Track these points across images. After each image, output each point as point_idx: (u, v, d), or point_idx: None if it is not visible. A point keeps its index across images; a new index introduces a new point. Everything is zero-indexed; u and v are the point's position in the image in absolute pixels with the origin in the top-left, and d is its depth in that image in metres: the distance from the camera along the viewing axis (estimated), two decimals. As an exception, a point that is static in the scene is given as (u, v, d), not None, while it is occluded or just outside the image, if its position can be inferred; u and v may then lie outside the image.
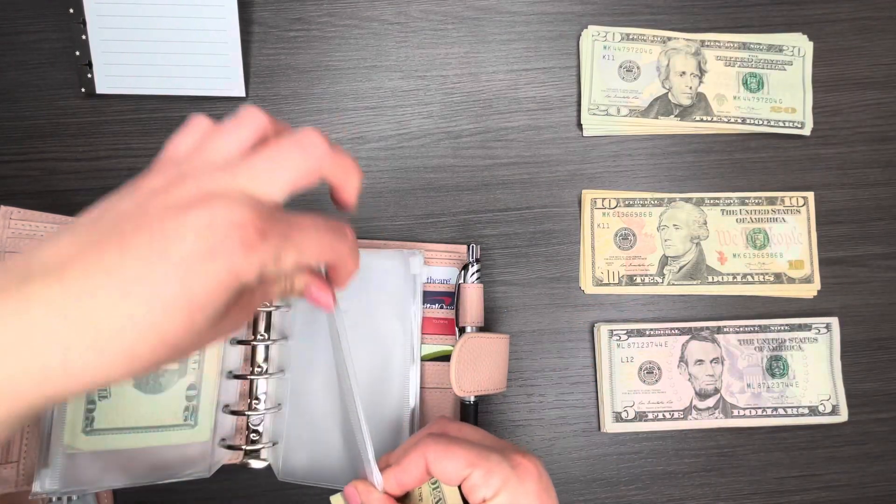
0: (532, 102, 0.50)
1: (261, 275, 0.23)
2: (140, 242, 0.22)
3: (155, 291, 0.21)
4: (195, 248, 0.22)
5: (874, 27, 0.52)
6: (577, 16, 0.51)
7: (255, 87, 0.49)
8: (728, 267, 0.48)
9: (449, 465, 0.30)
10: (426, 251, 0.45)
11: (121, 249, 0.21)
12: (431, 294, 0.45)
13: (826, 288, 0.49)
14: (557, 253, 0.49)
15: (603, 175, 0.49)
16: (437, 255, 0.46)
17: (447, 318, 0.45)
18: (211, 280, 0.22)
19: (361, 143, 0.49)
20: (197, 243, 0.22)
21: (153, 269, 0.21)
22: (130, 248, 0.21)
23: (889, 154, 0.51)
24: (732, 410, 0.47)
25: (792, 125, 0.50)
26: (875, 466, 0.48)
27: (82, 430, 0.37)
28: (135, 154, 0.48)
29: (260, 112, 0.27)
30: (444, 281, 0.46)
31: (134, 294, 0.21)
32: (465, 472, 0.30)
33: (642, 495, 0.47)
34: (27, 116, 0.48)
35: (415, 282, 0.44)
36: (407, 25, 0.50)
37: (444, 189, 0.49)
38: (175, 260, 0.21)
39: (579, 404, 0.47)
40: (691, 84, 0.50)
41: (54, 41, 0.48)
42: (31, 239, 0.39)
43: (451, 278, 0.46)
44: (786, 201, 0.49)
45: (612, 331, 0.47)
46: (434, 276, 0.45)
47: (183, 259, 0.22)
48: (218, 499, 0.45)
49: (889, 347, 0.49)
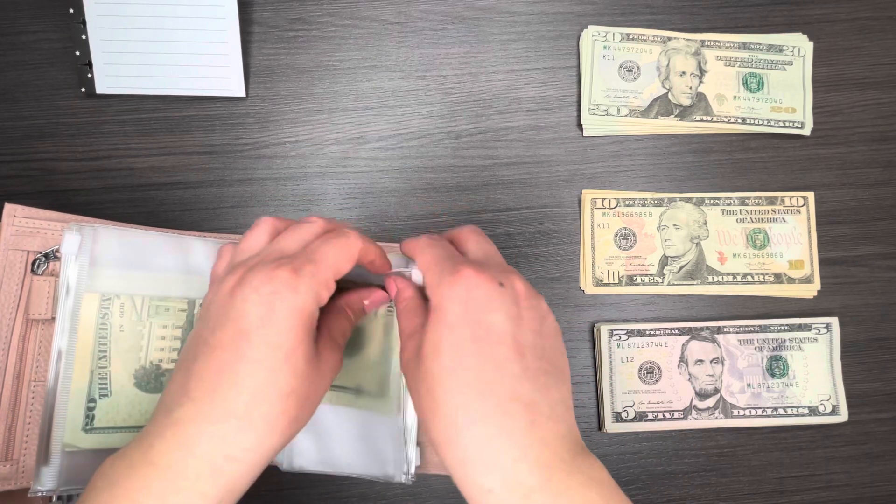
0: (532, 102, 0.50)
1: (316, 299, 0.29)
2: (215, 366, 0.28)
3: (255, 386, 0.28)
4: (261, 314, 0.28)
5: (874, 27, 0.52)
6: (577, 16, 0.51)
7: (255, 87, 0.49)
8: (728, 267, 0.48)
9: (418, 261, 0.33)
10: None
11: (210, 389, 0.28)
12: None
13: (826, 288, 0.49)
14: (557, 253, 0.49)
15: (603, 175, 0.49)
16: None
17: None
18: (284, 325, 0.28)
19: (361, 143, 0.49)
20: (258, 308, 0.28)
21: (245, 384, 0.28)
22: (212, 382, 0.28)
23: (889, 154, 0.51)
24: (732, 410, 0.47)
25: (792, 125, 0.50)
26: (875, 466, 0.48)
27: (82, 428, 0.37)
28: (135, 154, 0.48)
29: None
30: None
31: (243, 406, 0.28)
32: (424, 272, 0.32)
33: (642, 495, 0.47)
34: (27, 116, 0.48)
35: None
36: (407, 25, 0.50)
37: (444, 189, 0.49)
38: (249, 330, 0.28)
39: (579, 404, 0.47)
40: (691, 84, 0.50)
41: (54, 41, 0.48)
42: (34, 236, 0.39)
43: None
44: (786, 201, 0.49)
45: (612, 331, 0.47)
46: None
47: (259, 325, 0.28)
48: (218, 498, 0.45)
49: (889, 347, 0.49)
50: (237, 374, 0.27)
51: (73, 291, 0.37)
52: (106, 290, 0.38)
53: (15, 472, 0.37)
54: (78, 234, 0.38)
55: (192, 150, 0.48)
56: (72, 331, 0.37)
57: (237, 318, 0.28)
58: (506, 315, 0.29)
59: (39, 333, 0.39)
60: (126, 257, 0.39)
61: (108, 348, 0.38)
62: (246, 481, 0.28)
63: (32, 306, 0.39)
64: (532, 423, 0.27)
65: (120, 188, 0.47)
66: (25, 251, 0.39)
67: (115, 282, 0.38)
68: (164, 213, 0.47)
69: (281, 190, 0.48)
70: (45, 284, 0.39)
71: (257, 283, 0.28)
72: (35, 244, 0.39)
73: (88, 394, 0.37)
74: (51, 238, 0.40)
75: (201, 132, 0.48)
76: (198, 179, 0.48)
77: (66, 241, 0.37)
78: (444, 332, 0.28)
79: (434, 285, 0.30)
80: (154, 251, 0.40)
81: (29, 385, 0.38)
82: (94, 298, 0.38)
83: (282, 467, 0.42)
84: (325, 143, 0.49)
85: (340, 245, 0.31)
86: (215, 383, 0.27)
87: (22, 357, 0.38)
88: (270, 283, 0.28)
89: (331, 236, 0.31)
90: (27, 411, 0.38)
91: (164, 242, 0.40)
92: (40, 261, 0.39)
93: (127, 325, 0.38)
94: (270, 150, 0.48)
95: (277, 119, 0.49)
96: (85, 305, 0.37)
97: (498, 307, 0.29)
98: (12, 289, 0.38)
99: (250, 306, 0.28)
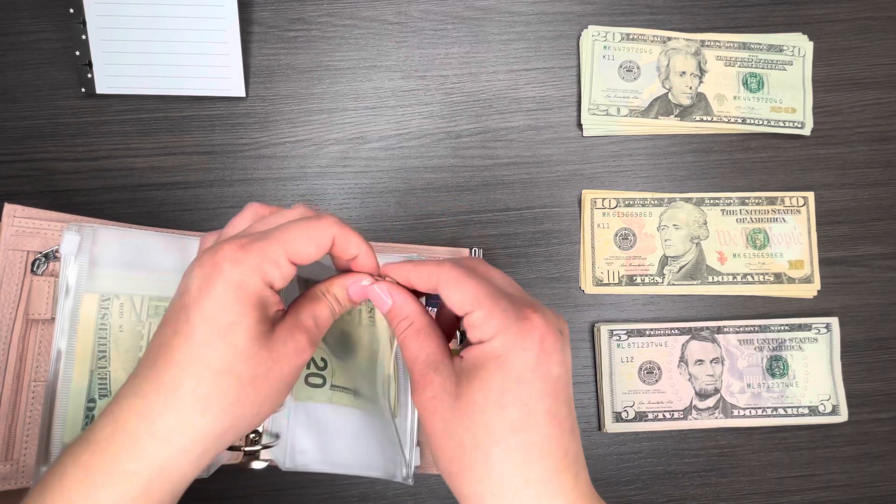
0: (532, 102, 0.50)
1: (261, 274, 0.27)
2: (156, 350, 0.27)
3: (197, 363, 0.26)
4: (198, 286, 0.26)
5: (874, 27, 0.52)
6: (577, 16, 0.51)
7: (255, 87, 0.49)
8: (728, 267, 0.48)
9: (456, 294, 0.28)
10: (428, 255, 0.45)
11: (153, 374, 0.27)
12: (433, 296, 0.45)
13: (826, 288, 0.49)
14: (557, 253, 0.49)
15: (603, 175, 0.49)
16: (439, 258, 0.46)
17: None
18: (221, 299, 0.26)
19: (361, 143, 0.49)
20: (197, 282, 0.27)
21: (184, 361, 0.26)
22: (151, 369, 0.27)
23: (889, 154, 0.51)
24: (732, 410, 0.47)
25: (792, 125, 0.50)
26: (875, 466, 0.48)
27: (82, 427, 0.37)
28: (135, 154, 0.48)
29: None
30: None
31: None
32: (469, 307, 0.28)
33: (642, 495, 0.47)
34: (27, 116, 0.48)
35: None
36: (407, 25, 0.50)
37: (444, 189, 0.49)
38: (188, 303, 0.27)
39: (579, 404, 0.47)
40: (691, 84, 0.50)
41: (54, 41, 0.48)
42: (34, 237, 0.39)
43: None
44: (786, 201, 0.49)
45: (612, 331, 0.47)
46: None
47: (196, 297, 0.26)
48: (217, 499, 0.45)
49: (889, 347, 0.49)
50: (171, 348, 0.26)
51: (72, 291, 0.37)
52: (105, 291, 0.38)
53: (15, 472, 0.37)
54: (77, 235, 0.38)
55: (192, 150, 0.48)
56: (71, 331, 0.37)
57: (182, 292, 0.27)
58: (565, 368, 0.28)
59: (39, 333, 0.39)
60: (125, 257, 0.39)
61: (107, 348, 0.38)
62: (178, 465, 0.26)
63: (32, 306, 0.39)
64: (576, 478, 0.27)
65: (120, 188, 0.47)
66: (25, 251, 0.39)
67: (115, 282, 0.38)
68: (164, 213, 0.47)
69: (281, 190, 0.48)
70: (45, 284, 0.39)
71: (205, 259, 0.27)
72: (35, 244, 0.39)
73: (88, 394, 0.37)
74: (51, 238, 0.40)
75: (201, 132, 0.48)
76: (198, 179, 0.48)
77: (66, 242, 0.37)
78: (511, 386, 0.26)
79: (490, 329, 0.27)
80: (153, 251, 0.40)
81: (29, 385, 0.38)
82: (93, 298, 0.38)
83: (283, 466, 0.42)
84: (325, 143, 0.49)
85: (305, 227, 0.28)
86: (154, 358, 0.27)
87: (22, 357, 0.38)
88: (213, 257, 0.27)
89: (301, 219, 0.29)
90: (27, 411, 0.38)
91: (163, 242, 0.40)
92: (40, 261, 0.39)
93: (126, 325, 0.38)
94: (270, 150, 0.48)
95: (277, 119, 0.49)
96: (84, 305, 0.37)
97: (561, 360, 0.27)
98: (12, 289, 0.38)
99: (192, 280, 0.27)
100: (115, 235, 0.39)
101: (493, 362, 0.27)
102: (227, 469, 0.42)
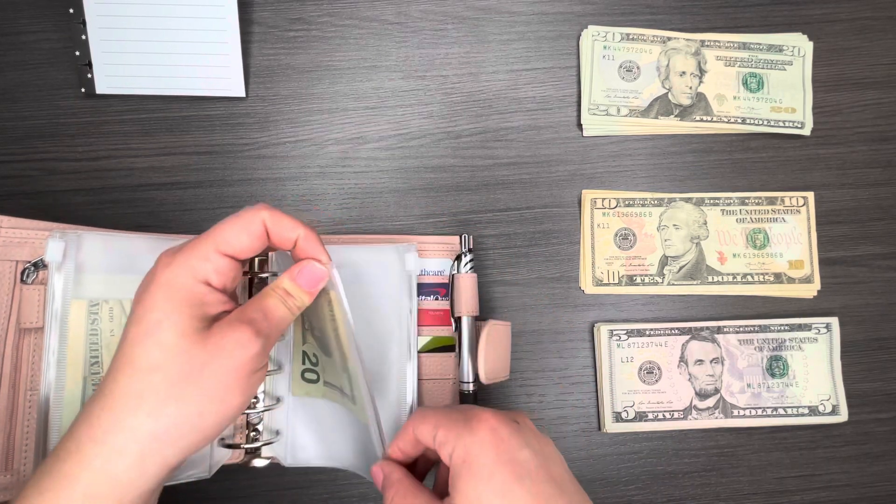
0: (532, 102, 0.50)
1: (190, 271, 0.28)
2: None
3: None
4: (137, 293, 0.28)
5: (874, 27, 0.52)
6: (577, 16, 0.51)
7: (255, 87, 0.49)
8: (728, 267, 0.48)
9: (423, 428, 0.32)
10: (419, 243, 0.45)
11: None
12: (426, 286, 0.45)
13: (826, 288, 0.49)
14: (557, 253, 0.49)
15: (603, 175, 0.49)
16: (430, 247, 0.46)
17: (442, 309, 0.45)
18: (151, 299, 0.28)
19: (361, 143, 0.49)
20: (138, 289, 0.29)
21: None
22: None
23: (889, 154, 0.51)
24: (732, 410, 0.47)
25: (792, 125, 0.50)
26: (875, 466, 0.48)
27: None
28: (135, 154, 0.48)
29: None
30: (438, 272, 0.46)
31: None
32: (433, 431, 0.31)
33: (642, 495, 0.47)
34: (27, 116, 0.48)
35: (410, 278, 0.43)
36: (407, 25, 0.50)
37: (444, 189, 0.49)
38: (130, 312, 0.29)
39: (579, 404, 0.47)
40: (691, 84, 0.50)
41: (54, 41, 0.48)
42: (22, 246, 0.39)
43: (444, 269, 0.46)
44: (786, 201, 0.49)
45: (612, 331, 0.47)
46: (427, 268, 0.45)
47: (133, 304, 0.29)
48: (218, 499, 0.45)
49: (889, 347, 0.49)
50: (113, 356, 0.28)
51: (60, 299, 0.37)
52: (93, 296, 0.38)
53: (15, 482, 0.37)
54: (62, 242, 0.37)
55: (192, 150, 0.48)
56: (62, 338, 0.37)
57: (133, 302, 0.29)
58: (532, 451, 0.29)
59: (32, 342, 0.39)
60: (112, 262, 0.39)
61: (99, 354, 0.38)
62: (118, 469, 0.27)
63: (24, 315, 0.38)
64: None
65: (120, 188, 0.47)
66: (14, 261, 0.39)
67: (103, 287, 0.38)
68: (164, 213, 0.47)
69: (281, 190, 0.48)
70: (35, 293, 0.39)
71: (147, 275, 0.29)
72: (24, 254, 0.39)
73: (82, 400, 0.37)
74: (39, 247, 0.39)
75: (201, 132, 0.48)
76: (198, 179, 0.48)
77: (50, 249, 0.37)
78: (484, 482, 0.28)
79: (450, 441, 0.30)
80: (140, 255, 0.39)
81: (25, 394, 0.38)
82: (81, 305, 0.38)
83: (285, 463, 0.42)
84: (325, 143, 0.49)
85: (234, 217, 0.30)
86: (110, 367, 0.28)
87: (17, 367, 0.38)
88: (153, 267, 0.29)
89: (241, 212, 0.31)
90: (25, 421, 0.38)
91: (148, 245, 0.40)
92: (29, 270, 0.39)
93: (117, 329, 0.38)
94: (270, 150, 0.48)
95: (277, 119, 0.49)
96: (73, 312, 0.37)
97: (524, 444, 0.29)
98: (3, 299, 0.38)
99: (137, 288, 0.29)
100: (101, 241, 0.39)
101: (463, 468, 0.29)
102: (228, 469, 0.42)
